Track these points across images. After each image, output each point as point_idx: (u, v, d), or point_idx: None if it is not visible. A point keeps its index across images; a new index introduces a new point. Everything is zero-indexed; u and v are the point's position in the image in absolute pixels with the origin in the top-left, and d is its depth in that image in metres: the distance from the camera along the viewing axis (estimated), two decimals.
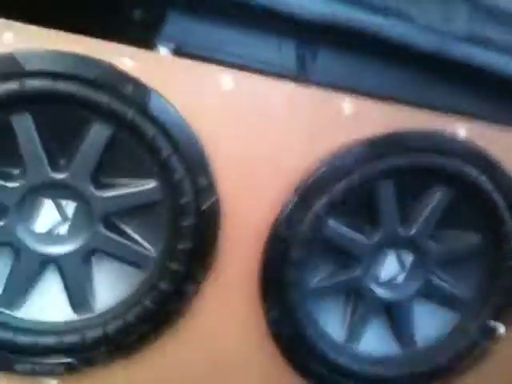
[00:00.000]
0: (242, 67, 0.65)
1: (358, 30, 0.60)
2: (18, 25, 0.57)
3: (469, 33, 0.63)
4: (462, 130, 0.70)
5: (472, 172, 0.69)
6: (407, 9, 0.61)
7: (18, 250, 0.63)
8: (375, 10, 0.60)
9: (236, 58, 0.66)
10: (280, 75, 0.66)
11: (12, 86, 0.57)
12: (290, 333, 0.70)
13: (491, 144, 0.71)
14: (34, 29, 0.58)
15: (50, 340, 0.64)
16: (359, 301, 0.75)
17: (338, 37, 0.65)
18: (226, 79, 0.63)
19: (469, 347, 0.75)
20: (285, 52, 0.68)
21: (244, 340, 0.71)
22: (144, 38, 0.62)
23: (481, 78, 0.68)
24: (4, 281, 0.64)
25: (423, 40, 0.62)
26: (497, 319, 0.76)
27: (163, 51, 0.62)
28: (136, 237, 0.66)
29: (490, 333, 0.77)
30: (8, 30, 0.57)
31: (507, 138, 0.72)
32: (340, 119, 0.67)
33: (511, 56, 0.67)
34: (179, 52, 0.63)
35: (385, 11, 0.60)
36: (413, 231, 0.72)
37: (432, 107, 0.69)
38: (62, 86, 0.57)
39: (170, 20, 0.64)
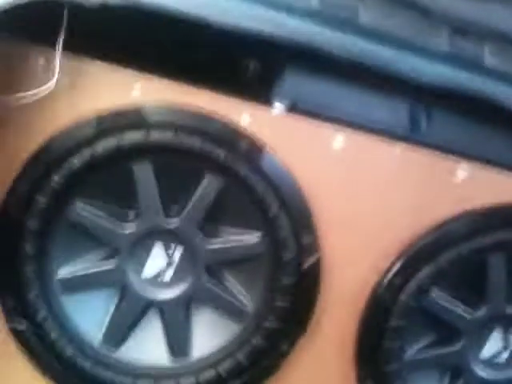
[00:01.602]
0: (353, 126, 0.65)
1: (480, 99, 0.59)
2: (146, 76, 0.61)
3: None
4: None
5: None
6: None
7: (124, 291, 0.66)
8: (499, 79, 0.59)
9: (348, 116, 0.66)
10: (392, 136, 0.66)
11: (137, 136, 0.60)
12: None
13: None
14: (159, 81, 0.61)
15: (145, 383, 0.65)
16: (457, 378, 0.70)
17: (456, 101, 0.64)
18: (338, 138, 0.64)
19: None
20: (398, 112, 0.67)
21: None
22: (260, 94, 0.64)
23: None
24: (107, 321, 0.66)
25: None
26: None
27: (278, 108, 0.64)
28: (235, 290, 0.67)
29: None
30: (136, 81, 0.61)
31: None
32: (452, 186, 0.65)
33: None
34: (293, 109, 0.64)
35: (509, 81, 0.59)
36: None
37: None
38: (182, 139, 0.60)
39: (286, 76, 0.65)
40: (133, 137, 0.60)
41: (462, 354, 0.69)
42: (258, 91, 0.64)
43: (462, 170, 0.64)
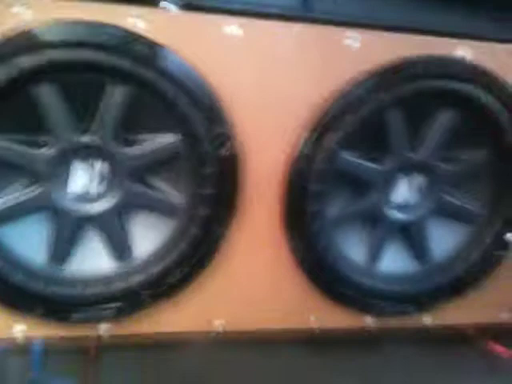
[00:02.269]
0: (248, 13, 0.66)
1: None
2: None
3: None
4: (462, 50, 0.71)
5: (474, 90, 0.72)
6: None
7: (56, 212, 0.68)
8: None
9: (241, 4, 0.67)
10: (286, 16, 0.68)
11: (33, 59, 0.59)
12: (314, 260, 0.76)
13: (491, 61, 0.73)
14: (47, 1, 0.59)
15: (98, 289, 0.70)
16: (376, 225, 0.79)
17: None
18: (234, 27, 0.65)
19: (483, 258, 0.81)
20: None
21: (272, 272, 0.76)
22: None
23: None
24: (49, 242, 0.69)
25: None
26: (508, 230, 0.81)
27: (170, 7, 0.64)
28: (164, 188, 0.71)
29: (503, 243, 0.81)
30: (23, 5, 0.59)
31: (506, 54, 0.73)
32: (346, 53, 0.69)
33: None
34: (185, 6, 0.64)
35: None
36: (422, 154, 0.75)
37: (433, 31, 0.71)
38: (79, 53, 0.60)
39: None
40: (29, 60, 0.59)
41: (376, 204, 0.78)
42: None
43: (353, 38, 0.68)
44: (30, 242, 0.69)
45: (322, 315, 0.80)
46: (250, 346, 0.81)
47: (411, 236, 0.81)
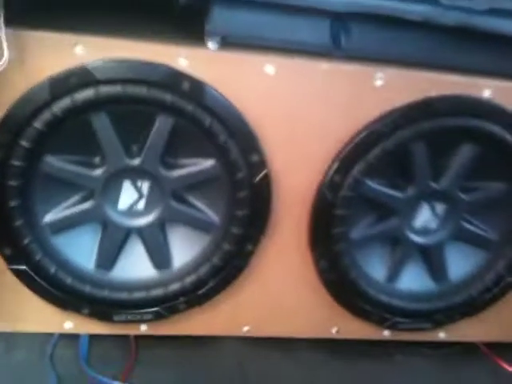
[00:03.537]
0: (281, 51, 0.72)
1: (384, 16, 0.67)
2: (86, 38, 0.66)
3: (489, 6, 0.69)
4: (485, 90, 0.76)
5: (495, 129, 0.76)
6: None
7: (105, 224, 0.77)
8: None
9: (276, 42, 0.73)
10: (317, 54, 0.73)
11: (88, 93, 0.67)
12: (337, 278, 0.82)
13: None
14: (99, 40, 0.67)
15: (139, 294, 0.78)
16: (397, 247, 0.85)
17: (368, 17, 0.71)
18: (268, 66, 0.71)
19: (496, 282, 0.86)
20: (320, 32, 0.73)
21: (297, 286, 0.83)
22: (193, 34, 0.70)
23: (501, 43, 0.73)
24: (96, 250, 0.78)
25: (447, 17, 0.68)
26: None
27: (211, 45, 0.70)
28: (201, 207, 0.78)
29: None
30: (77, 43, 0.66)
31: None
32: (373, 91, 0.74)
33: None
34: (224, 44, 0.70)
35: None
36: (443, 184, 0.80)
37: (458, 71, 0.76)
38: (129, 89, 0.67)
39: (214, 13, 0.71)
40: (84, 94, 0.67)
41: (398, 228, 0.83)
42: (192, 31, 0.70)
43: (380, 77, 0.73)
44: (81, 249, 0.77)
45: (343, 327, 0.87)
46: (274, 348, 0.89)
47: (430, 258, 0.86)
